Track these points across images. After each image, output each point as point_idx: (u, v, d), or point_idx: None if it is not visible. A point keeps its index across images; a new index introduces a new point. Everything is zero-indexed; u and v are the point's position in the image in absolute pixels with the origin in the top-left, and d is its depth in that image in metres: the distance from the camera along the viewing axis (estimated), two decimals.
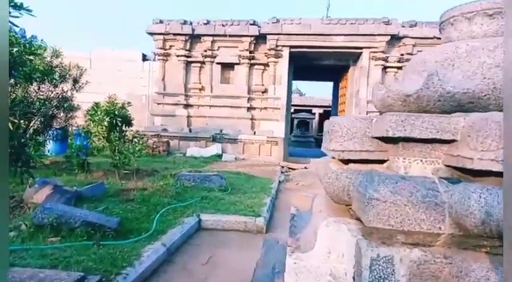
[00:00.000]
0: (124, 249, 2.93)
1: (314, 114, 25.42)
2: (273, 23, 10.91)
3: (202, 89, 11.74)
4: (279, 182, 7.36)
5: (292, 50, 11.10)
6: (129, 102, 6.59)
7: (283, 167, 9.78)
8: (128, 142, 6.50)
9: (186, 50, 11.65)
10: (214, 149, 10.91)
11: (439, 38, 8.08)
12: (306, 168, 10.00)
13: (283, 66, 11.18)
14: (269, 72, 11.35)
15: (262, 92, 11.49)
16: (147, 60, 16.80)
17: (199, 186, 5.41)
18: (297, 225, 2.20)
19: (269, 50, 11.00)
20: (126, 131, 6.62)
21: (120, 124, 6.34)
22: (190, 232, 3.84)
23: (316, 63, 12.34)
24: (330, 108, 23.90)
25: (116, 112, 6.29)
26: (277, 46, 10.92)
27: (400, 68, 11.03)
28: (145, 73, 16.38)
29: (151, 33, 11.74)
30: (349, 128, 1.53)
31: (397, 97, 1.65)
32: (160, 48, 11.73)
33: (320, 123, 25.76)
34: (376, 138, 1.53)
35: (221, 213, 4.28)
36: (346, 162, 1.59)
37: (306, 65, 12.61)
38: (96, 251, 2.81)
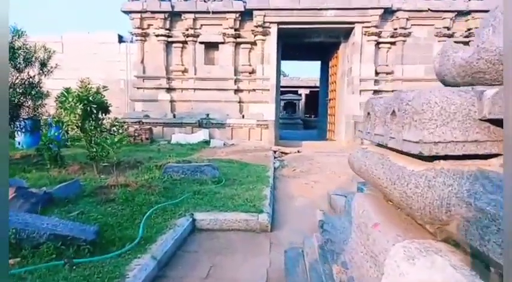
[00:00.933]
0: (104, 267, 2.34)
1: (300, 95, 24.86)
2: None
3: (185, 71, 10.96)
4: (274, 168, 6.83)
5: (280, 26, 10.39)
6: (104, 87, 5.83)
7: (275, 151, 9.24)
8: (106, 131, 5.80)
9: (166, 29, 10.77)
10: (201, 135, 10.25)
11: (434, 11, 7.51)
12: (299, 152, 9.50)
13: (271, 44, 10.48)
14: (256, 52, 10.64)
15: (250, 73, 10.80)
16: (124, 41, 15.75)
17: (190, 179, 4.81)
18: (334, 239, 1.65)
19: (256, 27, 10.26)
20: (103, 118, 5.90)
21: (95, 111, 5.60)
22: (184, 236, 3.27)
23: (305, 41, 11.69)
24: (316, 89, 23.41)
25: (90, 98, 5.54)
26: (264, 23, 10.19)
27: (393, 43, 10.52)
28: (122, 56, 15.36)
29: (127, 12, 10.78)
30: (444, 106, 0.98)
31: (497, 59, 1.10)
32: (138, 28, 10.81)
33: (307, 104, 25.28)
34: (488, 121, 0.98)
35: (218, 211, 3.72)
36: (431, 158, 1.05)
37: (295, 43, 11.95)
38: (68, 274, 2.21)
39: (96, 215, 3.30)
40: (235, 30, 10.52)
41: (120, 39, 15.92)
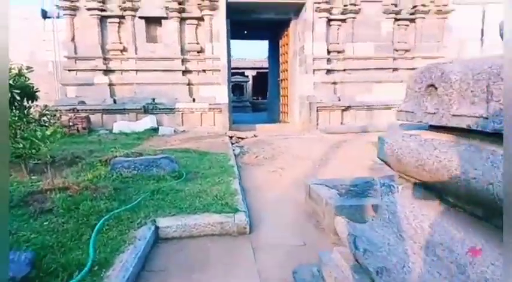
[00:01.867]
0: None
1: (247, 77, 24.30)
2: None
3: (124, 50, 9.80)
4: (235, 156, 6.32)
5: (229, 0, 9.64)
6: (28, 67, 4.79)
7: (231, 137, 8.71)
8: (34, 122, 4.82)
9: (99, 2, 9.46)
10: (148, 121, 9.33)
11: None
12: (255, 136, 9.06)
13: (220, 19, 9.73)
14: (204, 28, 9.82)
15: (198, 52, 9.99)
16: (49, 17, 13.84)
17: (145, 175, 4.11)
18: (377, 261, 1.21)
19: (202, 0, 9.40)
20: (30, 107, 4.89)
21: (19, 98, 4.60)
22: (147, 250, 2.67)
23: (254, 18, 11.09)
24: (263, 70, 23.02)
25: (11, 82, 4.53)
26: None
27: (344, 20, 10.34)
28: (48, 34, 13.50)
29: None
30: None
31: None
32: (66, 0, 9.36)
33: (254, 86, 24.84)
34: None
35: (185, 214, 3.13)
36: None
37: (243, 20, 11.30)
38: None
39: (28, 235, 2.54)
40: (179, 3, 9.56)
41: (45, 15, 13.94)
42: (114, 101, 9.68)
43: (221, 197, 3.53)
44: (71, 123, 8.77)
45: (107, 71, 9.77)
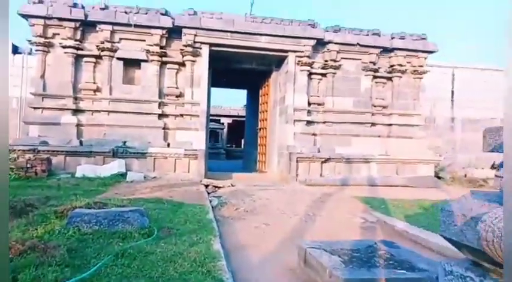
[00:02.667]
0: None
1: (223, 124, 24.17)
2: (189, 15, 9.25)
3: (97, 90, 9.31)
4: (212, 207, 5.73)
5: (212, 48, 9.59)
6: None
7: (207, 186, 8.11)
8: None
9: (76, 41, 9.11)
10: (115, 166, 8.59)
11: (362, 45, 7.57)
12: (232, 185, 8.52)
13: (202, 66, 9.57)
14: (185, 73, 9.60)
15: (177, 96, 9.65)
16: (20, 53, 13.32)
17: (108, 232, 3.44)
18: None
19: (185, 46, 9.28)
20: None
21: None
22: None
23: (236, 67, 11.08)
24: (239, 118, 23.05)
25: None
26: (195, 42, 9.28)
27: (324, 75, 10.51)
28: (17, 70, 12.88)
29: (26, 16, 8.86)
30: None
31: None
32: (40, 37, 8.93)
33: (229, 133, 24.66)
34: None
35: None
36: None
37: (224, 68, 11.25)
38: None
39: None
40: (161, 48, 9.38)
41: (15, 50, 13.40)
42: (81, 143, 8.95)
43: (201, 262, 2.93)
44: (28, 165, 7.88)
45: (77, 111, 9.15)
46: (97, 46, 9.17)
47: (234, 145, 25.27)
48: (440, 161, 11.16)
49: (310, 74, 10.40)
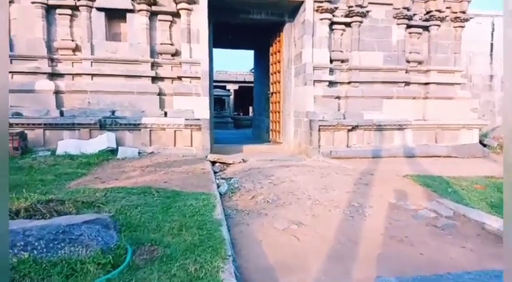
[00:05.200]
0: None
1: (229, 91, 22.43)
2: None
3: (77, 49, 7.68)
4: (221, 195, 4.30)
5: None
6: None
7: (214, 162, 6.69)
8: None
9: None
10: (104, 140, 7.16)
11: None
12: (244, 161, 7.09)
13: (200, 16, 7.82)
14: (180, 26, 7.88)
15: (173, 55, 8.00)
16: None
17: (46, 263, 2.02)
18: None
19: None
20: None
21: None
22: None
23: (241, 20, 9.28)
24: (246, 84, 21.27)
25: None
26: None
27: (348, 24, 8.68)
28: None
29: None
30: None
31: None
32: None
33: (236, 100, 22.99)
34: None
35: None
36: None
37: (228, 22, 9.46)
38: None
39: None
40: None
41: None
42: (61, 113, 7.47)
43: None
44: None
45: (54, 75, 7.59)
46: None
47: (241, 113, 23.66)
48: (485, 126, 9.54)
49: (332, 23, 8.57)
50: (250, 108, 20.35)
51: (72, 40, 7.66)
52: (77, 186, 4.08)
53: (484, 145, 9.28)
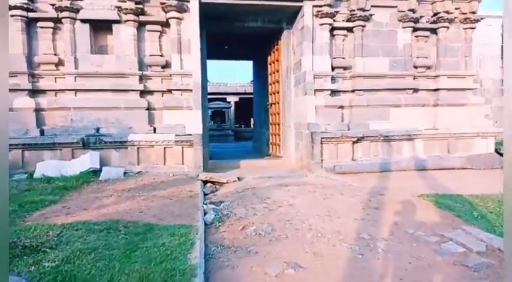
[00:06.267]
0: None
1: (229, 103, 21.94)
2: None
3: (60, 63, 7.19)
4: (206, 226, 3.66)
5: (203, 0, 7.30)
6: None
7: (205, 182, 6.06)
8: None
9: (27, 0, 6.93)
10: (86, 160, 6.58)
11: None
12: (239, 179, 6.45)
13: (191, 24, 7.32)
14: (170, 36, 7.38)
15: (163, 67, 7.47)
16: None
17: None
18: None
19: None
20: None
21: None
22: None
23: (237, 28, 8.79)
24: (247, 96, 20.74)
25: None
26: None
27: (350, 29, 8.13)
28: None
29: None
30: None
31: None
32: None
33: (237, 112, 22.48)
34: None
35: None
36: None
37: (222, 31, 8.98)
38: None
39: None
40: (137, 3, 7.14)
41: None
42: (42, 132, 6.94)
43: None
44: None
45: (35, 92, 7.09)
46: (53, 5, 6.97)
47: (243, 125, 23.12)
48: (500, 133, 8.83)
49: (333, 28, 8.02)
50: (252, 120, 19.80)
51: (55, 54, 7.18)
52: (35, 220, 3.48)
53: (501, 154, 8.56)
